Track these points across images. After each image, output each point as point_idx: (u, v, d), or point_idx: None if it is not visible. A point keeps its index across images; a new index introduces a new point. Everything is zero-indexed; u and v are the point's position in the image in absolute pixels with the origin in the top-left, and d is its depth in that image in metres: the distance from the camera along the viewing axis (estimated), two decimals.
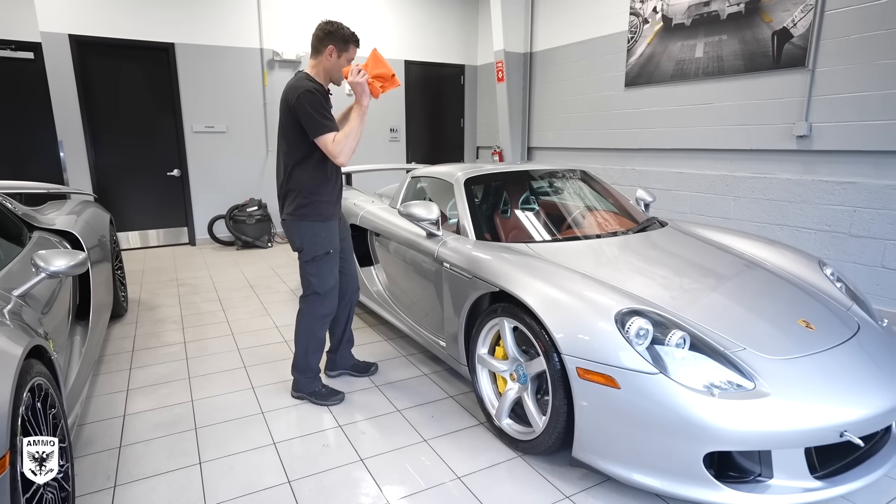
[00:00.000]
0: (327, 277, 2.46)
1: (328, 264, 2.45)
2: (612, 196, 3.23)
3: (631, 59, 5.30)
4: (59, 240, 2.91)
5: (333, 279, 2.49)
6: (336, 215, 2.50)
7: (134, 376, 2.85)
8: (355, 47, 2.39)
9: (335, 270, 2.49)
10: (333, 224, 2.47)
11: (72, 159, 5.57)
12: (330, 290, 2.49)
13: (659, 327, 1.79)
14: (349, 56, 2.37)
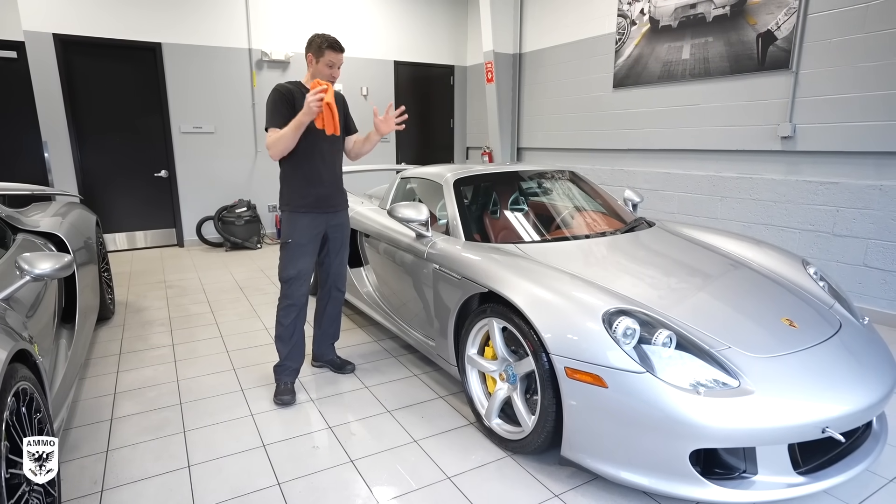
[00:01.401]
0: (286, 266, 2.57)
1: (288, 253, 2.57)
2: (600, 196, 3.26)
3: (619, 61, 5.34)
4: (44, 242, 2.88)
5: (294, 269, 2.57)
6: (305, 209, 2.56)
7: (121, 379, 2.83)
8: (332, 51, 2.48)
9: (297, 262, 2.57)
10: (299, 217, 2.55)
11: (57, 160, 5.51)
12: (289, 280, 2.58)
13: (646, 327, 1.81)
14: (327, 60, 2.49)
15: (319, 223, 2.61)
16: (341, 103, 2.66)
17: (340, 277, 2.81)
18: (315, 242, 2.63)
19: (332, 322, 2.87)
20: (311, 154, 2.52)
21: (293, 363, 2.65)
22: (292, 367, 2.66)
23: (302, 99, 2.41)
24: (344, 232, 2.76)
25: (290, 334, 2.63)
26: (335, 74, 2.53)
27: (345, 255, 2.80)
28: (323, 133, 2.42)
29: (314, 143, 2.50)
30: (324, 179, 2.58)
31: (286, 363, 2.64)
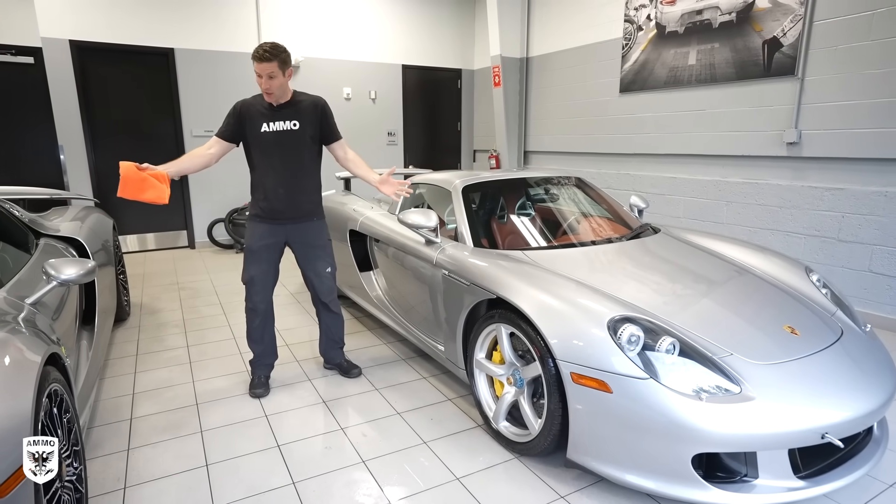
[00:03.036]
0: (243, 270, 2.71)
1: (245, 258, 2.70)
2: (606, 202, 3.31)
3: (625, 66, 5.38)
4: (65, 246, 2.97)
5: (247, 274, 2.68)
6: (259, 218, 2.65)
7: (139, 380, 2.91)
8: (255, 62, 2.42)
9: (249, 267, 2.67)
10: (255, 224, 2.67)
11: (72, 163, 5.62)
12: (245, 283, 2.70)
13: (650, 334, 1.86)
14: (255, 70, 2.44)
15: (275, 233, 2.65)
16: (312, 113, 2.59)
17: (321, 289, 2.78)
18: (270, 251, 2.67)
19: (331, 330, 2.91)
20: (265, 167, 2.58)
21: (267, 359, 2.81)
22: (266, 362, 2.81)
23: (258, 110, 2.53)
24: (310, 242, 2.71)
25: (260, 335, 2.76)
26: (265, 86, 2.44)
27: (320, 267, 2.75)
28: (278, 148, 2.54)
29: (268, 156, 2.57)
30: (279, 193, 2.58)
31: (260, 360, 2.78)
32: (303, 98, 2.62)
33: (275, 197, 2.59)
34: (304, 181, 2.65)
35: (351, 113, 6.97)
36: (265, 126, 2.53)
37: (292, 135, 2.56)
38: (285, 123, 2.54)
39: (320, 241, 2.75)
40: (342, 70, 6.80)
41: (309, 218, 2.70)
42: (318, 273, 2.76)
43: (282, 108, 2.55)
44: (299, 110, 2.58)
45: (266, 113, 2.54)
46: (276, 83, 2.45)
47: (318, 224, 2.76)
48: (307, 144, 2.62)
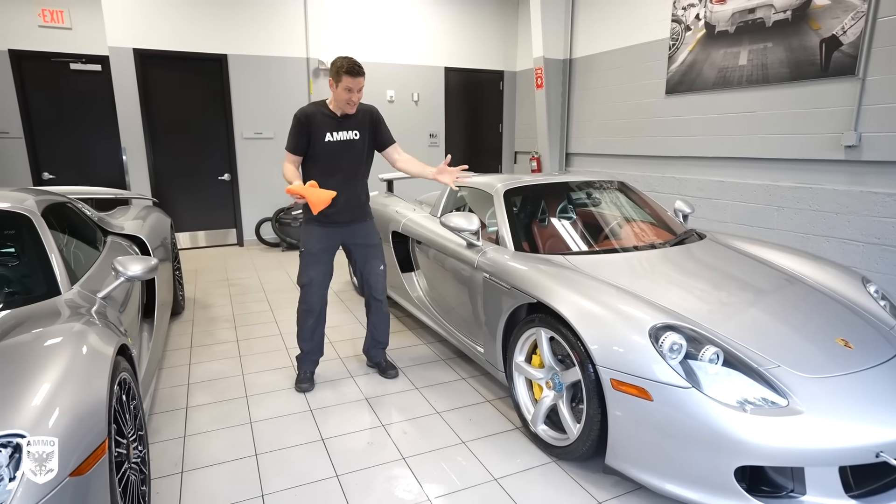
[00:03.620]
0: (301, 273, 2.77)
1: (302, 261, 2.77)
2: (649, 207, 3.26)
3: (672, 67, 5.27)
4: (129, 243, 3.17)
5: (306, 277, 2.75)
6: (317, 222, 2.72)
7: (193, 371, 3.07)
8: (349, 76, 2.51)
9: (308, 270, 2.75)
10: (313, 228, 2.73)
11: (133, 164, 5.95)
12: (303, 286, 2.77)
13: (692, 342, 1.85)
14: (344, 85, 2.53)
15: (333, 235, 2.76)
16: (368, 122, 2.73)
17: (376, 287, 2.90)
18: (327, 253, 2.78)
19: (377, 330, 2.99)
20: (326, 175, 2.65)
21: (313, 356, 2.91)
22: (312, 358, 2.91)
23: (322, 120, 2.60)
24: (366, 242, 2.84)
25: (311, 335, 2.84)
26: (353, 99, 2.56)
27: (375, 265, 2.86)
28: (341, 157, 2.63)
29: (331, 165, 2.66)
30: (339, 199, 2.64)
31: (307, 356, 2.89)
32: (359, 108, 2.72)
33: (336, 202, 2.65)
34: (359, 186, 2.79)
35: (394, 115, 7.07)
36: (329, 136, 2.63)
37: (353, 144, 2.69)
38: (348, 133, 2.66)
39: (375, 241, 2.88)
40: (386, 73, 6.92)
41: (363, 219, 2.83)
42: (373, 271, 2.87)
43: (345, 118, 2.66)
44: (359, 120, 2.70)
45: (330, 122, 2.63)
46: (361, 97, 2.61)
47: (372, 224, 2.89)
48: (365, 153, 2.76)
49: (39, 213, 2.24)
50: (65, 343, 1.56)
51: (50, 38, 5.75)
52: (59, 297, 1.94)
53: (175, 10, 5.80)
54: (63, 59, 5.86)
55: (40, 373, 1.40)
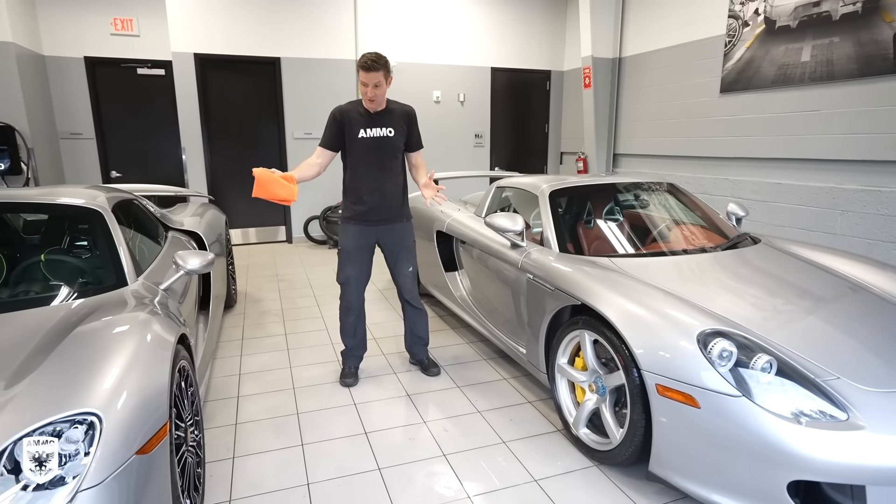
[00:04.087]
0: (339, 271, 2.85)
1: (340, 259, 2.84)
2: (700, 209, 3.17)
3: (728, 64, 5.08)
4: (188, 239, 3.34)
5: (343, 275, 2.83)
6: (353, 220, 2.78)
7: (244, 362, 3.21)
8: (363, 71, 2.54)
9: (346, 268, 2.82)
10: (349, 226, 2.80)
11: (191, 163, 6.25)
12: (342, 284, 2.85)
13: (744, 350, 1.79)
14: (361, 80, 2.57)
15: (368, 234, 2.80)
16: (403, 121, 2.75)
17: (405, 288, 2.92)
18: (364, 251, 2.81)
19: (415, 325, 3.02)
20: (359, 171, 2.71)
21: (357, 351, 2.98)
22: (356, 354, 2.98)
23: (356, 117, 2.66)
24: (400, 243, 2.85)
25: (353, 331, 2.91)
26: (370, 95, 2.57)
27: (404, 266, 2.88)
28: (373, 153, 2.66)
29: (364, 161, 2.70)
30: (374, 196, 2.72)
31: (351, 352, 2.96)
32: (395, 106, 2.76)
33: (369, 200, 2.75)
34: (394, 185, 2.80)
35: (440, 116, 7.14)
36: (362, 132, 2.68)
37: (387, 141, 2.71)
38: (381, 130, 2.69)
39: (407, 242, 2.89)
40: (433, 74, 6.99)
41: (399, 219, 2.85)
42: (402, 272, 2.90)
43: (378, 115, 2.70)
44: (393, 118, 2.72)
45: (363, 119, 2.69)
46: (381, 91, 2.60)
47: (407, 225, 2.90)
48: (399, 150, 2.77)
49: (110, 209, 2.40)
50: (132, 331, 1.67)
51: (120, 45, 6.11)
52: (126, 288, 2.08)
53: (232, 17, 6.05)
54: (131, 65, 6.22)
55: (110, 358, 1.50)
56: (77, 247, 2.45)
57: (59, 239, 2.48)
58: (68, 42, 5.96)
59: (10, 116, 5.36)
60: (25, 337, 1.63)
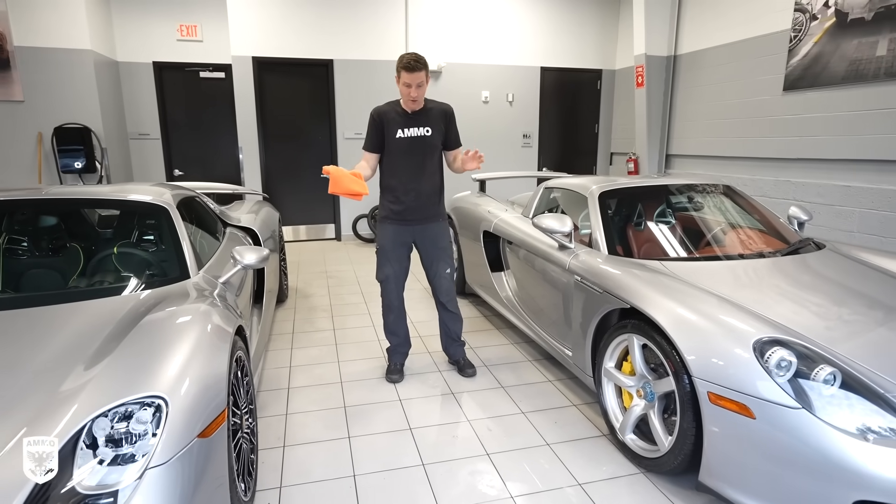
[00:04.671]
0: (377, 270, 2.91)
1: (378, 259, 2.89)
2: (758, 212, 3.04)
3: (792, 61, 4.84)
4: (244, 235, 3.49)
5: (382, 274, 2.88)
6: (389, 219, 2.81)
7: (294, 355, 3.32)
8: (406, 72, 2.55)
9: (384, 267, 2.86)
10: (385, 225, 2.84)
11: (248, 162, 6.51)
12: (381, 282, 2.91)
13: (804, 360, 1.71)
14: (403, 80, 2.59)
15: (404, 233, 2.81)
16: (441, 120, 2.75)
17: (441, 289, 2.90)
18: (400, 250, 2.83)
19: (448, 327, 3.00)
20: (396, 171, 2.73)
21: (402, 348, 3.02)
22: (401, 351, 3.02)
23: (394, 117, 2.68)
24: (435, 244, 2.84)
25: (395, 328, 2.95)
26: (413, 95, 2.58)
27: (441, 268, 2.87)
28: (410, 153, 2.66)
29: (401, 161, 2.71)
30: (409, 195, 2.73)
31: (396, 349, 3.01)
32: (433, 105, 2.77)
33: (405, 199, 2.76)
34: (431, 184, 2.80)
35: (488, 116, 7.14)
36: (400, 132, 2.71)
37: (424, 141, 2.73)
38: (419, 130, 2.71)
39: (443, 243, 2.89)
40: (481, 74, 6.99)
41: (435, 219, 2.85)
42: (438, 273, 2.89)
43: (416, 114, 2.72)
44: (430, 117, 2.74)
45: (401, 119, 2.71)
46: (422, 91, 2.63)
47: (443, 225, 2.90)
48: (436, 149, 2.79)
49: (175, 206, 2.54)
50: (194, 321, 1.77)
51: (185, 50, 6.45)
52: (189, 281, 2.20)
53: (288, 21, 6.26)
54: (194, 69, 6.55)
55: (175, 346, 1.60)
56: (145, 241, 2.61)
57: (129, 233, 2.65)
58: (139, 48, 6.34)
59: (87, 118, 5.76)
60: (101, 324, 1.75)
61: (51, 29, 5.51)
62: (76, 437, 1.28)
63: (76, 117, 5.73)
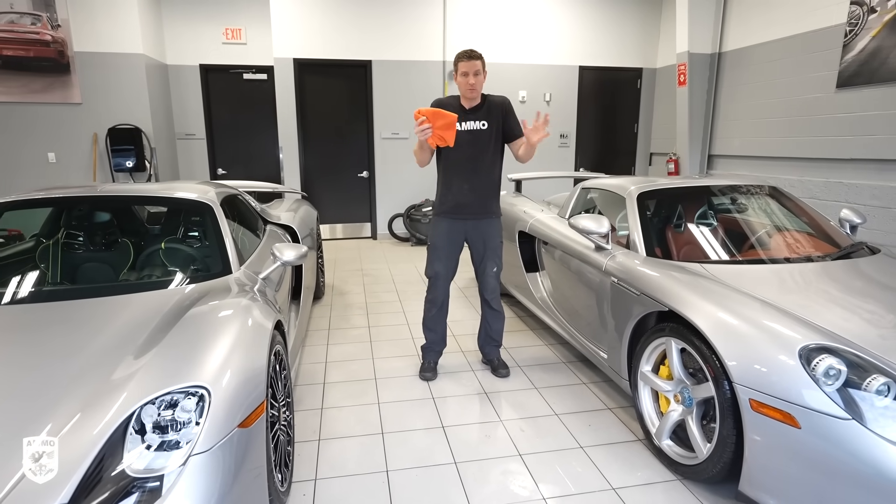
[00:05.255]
0: (428, 266, 2.91)
1: (429, 254, 2.90)
2: (807, 215, 2.92)
3: (847, 56, 4.61)
4: (283, 232, 3.57)
5: (432, 270, 2.89)
6: (444, 214, 2.83)
7: (330, 351, 3.39)
8: (461, 61, 2.64)
9: (434, 263, 2.88)
10: (439, 221, 2.85)
11: (287, 161, 6.66)
12: (430, 278, 2.92)
13: (855, 369, 1.63)
14: (460, 71, 2.66)
15: (457, 229, 2.81)
16: (498, 113, 2.75)
17: (487, 287, 2.91)
18: (452, 247, 2.84)
19: (490, 326, 3.00)
20: (453, 165, 2.74)
21: (437, 346, 3.03)
22: (436, 349, 3.04)
23: (452, 109, 2.66)
24: (485, 241, 2.84)
25: (435, 325, 2.97)
26: (471, 82, 2.64)
27: (489, 266, 2.87)
28: (467, 147, 2.65)
29: (458, 155, 2.70)
30: (464, 188, 2.73)
31: (431, 346, 3.01)
32: (490, 99, 2.78)
33: (459, 192, 2.77)
34: (487, 179, 2.80)
35: (525, 116, 7.00)
36: (459, 125, 2.68)
37: (481, 134, 2.73)
38: (475, 123, 2.72)
39: (494, 242, 2.89)
40: (519, 74, 6.95)
41: (489, 216, 2.85)
42: (487, 271, 2.90)
43: (473, 109, 2.74)
44: (488, 111, 2.75)
45: (460, 113, 2.70)
46: (480, 80, 2.67)
47: (496, 222, 2.89)
48: (493, 143, 2.78)
49: (219, 203, 2.63)
50: (235, 315, 1.83)
51: (229, 53, 6.66)
52: (231, 276, 2.27)
53: (329, 22, 6.38)
54: (238, 70, 6.76)
55: (217, 339, 1.66)
56: (190, 236, 2.71)
57: (175, 229, 2.76)
58: (187, 51, 6.59)
59: (138, 119, 6.03)
60: (149, 316, 1.83)
61: (107, 35, 5.80)
62: (126, 423, 1.34)
63: (128, 118, 6.01)
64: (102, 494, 1.24)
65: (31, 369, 1.58)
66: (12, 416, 1.38)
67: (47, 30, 5.66)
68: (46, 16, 5.64)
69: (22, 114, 5.83)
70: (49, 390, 1.46)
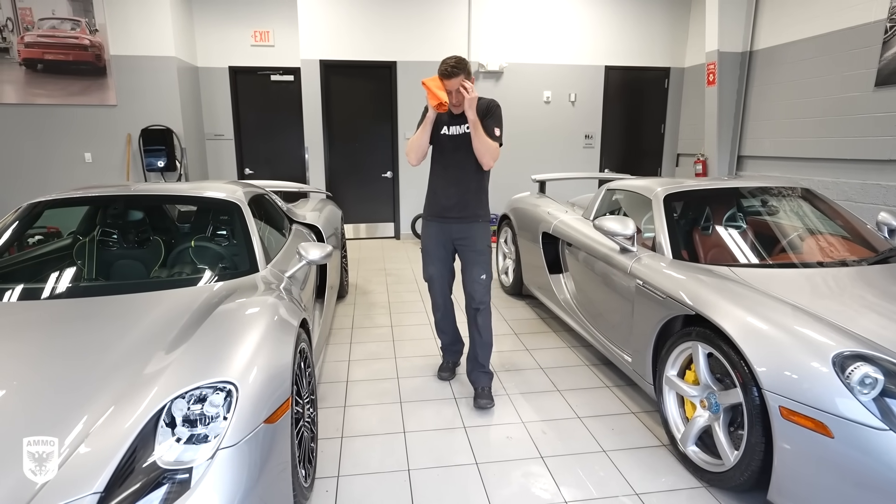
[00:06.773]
0: (423, 269, 2.90)
1: (423, 258, 2.89)
2: (842, 218, 2.83)
3: (887, 53, 4.46)
4: (308, 232, 3.63)
5: (426, 273, 2.87)
6: (431, 217, 2.78)
7: (353, 350, 3.42)
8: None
9: (427, 267, 2.85)
10: (428, 224, 2.82)
11: (313, 161, 6.75)
12: (427, 281, 2.90)
13: (893, 378, 1.58)
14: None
15: (444, 232, 2.75)
16: (482, 112, 2.59)
17: (475, 295, 2.69)
18: (442, 250, 2.77)
19: (475, 345, 2.78)
20: (439, 168, 2.72)
21: (454, 346, 3.03)
22: (454, 349, 3.03)
23: (442, 115, 2.66)
24: (470, 246, 2.70)
25: (444, 326, 2.96)
26: (454, 100, 2.54)
27: (475, 273, 2.69)
28: (452, 150, 2.62)
29: (443, 158, 2.69)
30: (449, 192, 2.67)
31: (448, 347, 3.03)
32: (478, 103, 2.61)
33: (444, 195, 2.71)
34: (471, 182, 2.69)
35: (549, 116, 7.05)
36: (445, 129, 2.67)
37: (465, 138, 2.63)
38: (460, 128, 2.64)
39: (480, 246, 2.72)
40: (543, 74, 6.91)
41: (474, 219, 2.71)
42: (473, 278, 2.71)
43: (461, 114, 2.64)
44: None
45: (446, 117, 2.68)
46: (463, 98, 2.50)
47: (482, 226, 2.75)
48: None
49: (246, 203, 2.68)
50: (262, 313, 1.86)
51: (258, 55, 6.79)
52: (257, 274, 2.31)
53: (354, 24, 6.45)
54: (265, 72, 6.88)
55: (244, 335, 1.70)
56: (219, 235, 2.77)
57: (204, 228, 2.82)
58: (216, 54, 6.74)
59: (170, 120, 6.18)
60: (179, 312, 1.88)
61: (142, 39, 5.97)
62: (157, 416, 1.38)
63: (160, 119, 6.17)
64: (134, 485, 1.28)
65: (70, 362, 1.64)
66: (52, 408, 1.43)
67: (86, 34, 5.86)
68: (85, 21, 5.83)
69: (61, 115, 6.04)
70: (85, 384, 1.51)
